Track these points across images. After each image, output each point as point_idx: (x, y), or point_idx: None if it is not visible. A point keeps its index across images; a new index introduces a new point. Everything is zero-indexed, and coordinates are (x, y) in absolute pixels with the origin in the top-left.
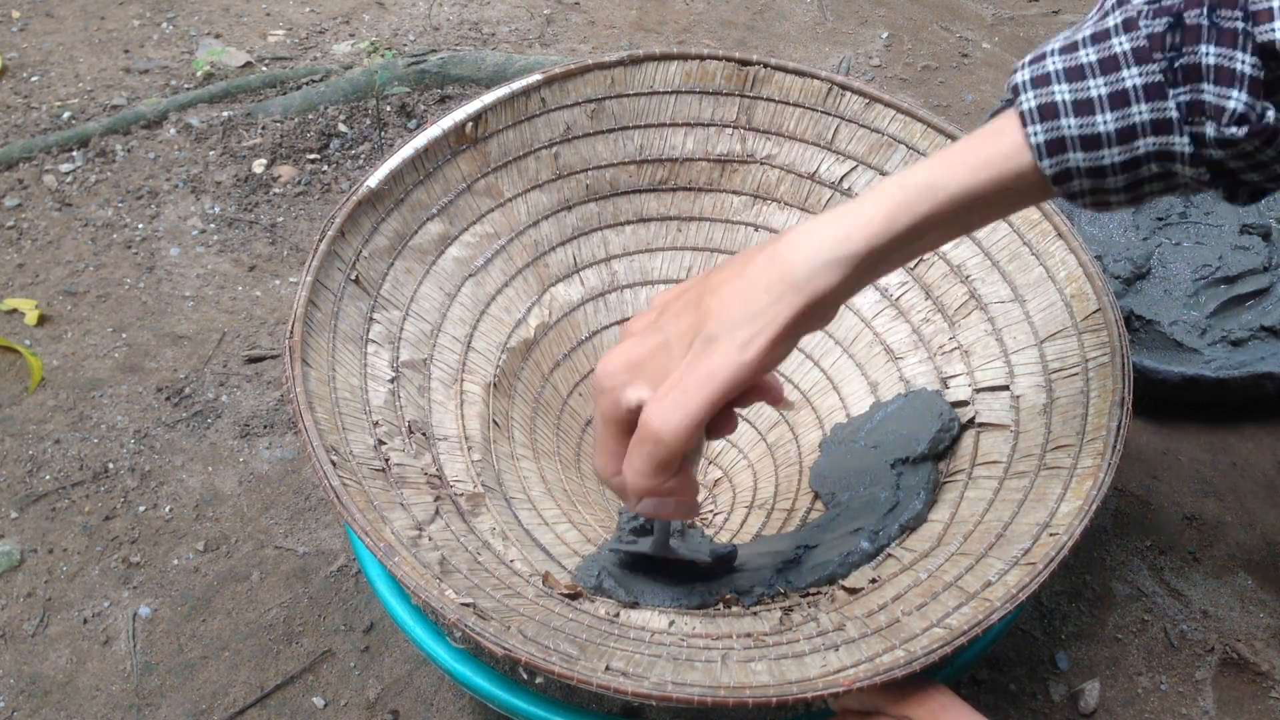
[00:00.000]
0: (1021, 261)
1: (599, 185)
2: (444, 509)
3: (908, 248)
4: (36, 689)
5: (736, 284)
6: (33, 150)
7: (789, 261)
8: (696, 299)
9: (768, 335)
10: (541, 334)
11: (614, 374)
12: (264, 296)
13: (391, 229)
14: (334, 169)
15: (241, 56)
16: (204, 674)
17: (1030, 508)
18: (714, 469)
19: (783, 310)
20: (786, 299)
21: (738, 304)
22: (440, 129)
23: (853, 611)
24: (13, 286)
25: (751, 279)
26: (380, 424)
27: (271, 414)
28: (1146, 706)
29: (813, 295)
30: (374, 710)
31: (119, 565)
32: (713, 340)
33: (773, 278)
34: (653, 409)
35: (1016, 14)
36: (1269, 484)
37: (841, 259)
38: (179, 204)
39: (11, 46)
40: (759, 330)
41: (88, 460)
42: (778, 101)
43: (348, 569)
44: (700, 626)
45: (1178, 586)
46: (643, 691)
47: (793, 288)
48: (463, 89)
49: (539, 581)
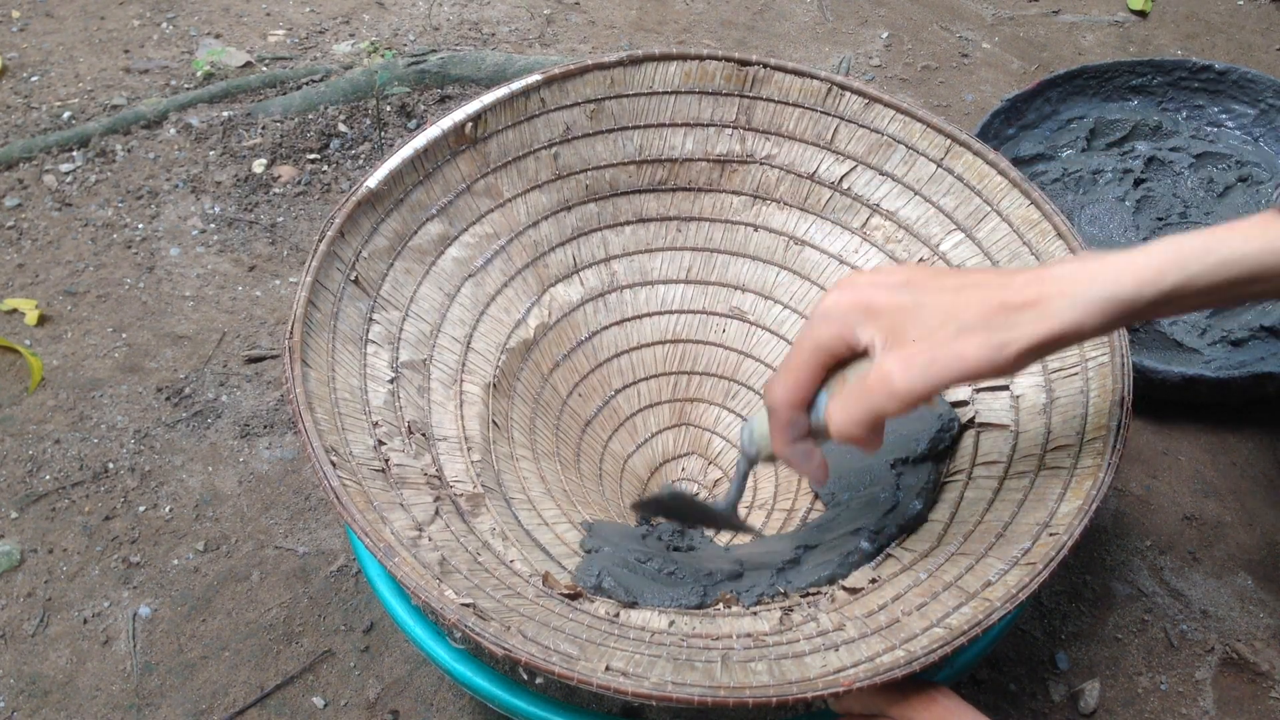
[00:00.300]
0: (1021, 261)
1: (599, 185)
2: (444, 509)
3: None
4: (36, 689)
5: (1001, 292)
6: (33, 150)
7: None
8: (957, 286)
9: (1018, 347)
10: (541, 334)
11: (847, 309)
12: (264, 296)
13: (391, 229)
14: (334, 169)
15: (241, 56)
16: (204, 674)
17: (1030, 507)
18: (714, 469)
19: (1039, 329)
20: (1045, 321)
21: (998, 310)
22: (440, 129)
23: (853, 611)
24: (13, 286)
25: (1015, 290)
26: (380, 424)
27: (271, 414)
28: (1146, 706)
29: (1070, 325)
30: (374, 710)
31: (119, 565)
32: (970, 330)
33: (1035, 296)
34: (897, 365)
35: (1016, 14)
36: (1269, 484)
37: (1107, 299)
38: (179, 204)
39: (11, 46)
40: (1012, 340)
41: (88, 460)
42: (777, 101)
43: (348, 569)
44: (700, 626)
45: (1178, 586)
46: (643, 691)
47: (1053, 313)
48: (463, 89)
49: (539, 582)
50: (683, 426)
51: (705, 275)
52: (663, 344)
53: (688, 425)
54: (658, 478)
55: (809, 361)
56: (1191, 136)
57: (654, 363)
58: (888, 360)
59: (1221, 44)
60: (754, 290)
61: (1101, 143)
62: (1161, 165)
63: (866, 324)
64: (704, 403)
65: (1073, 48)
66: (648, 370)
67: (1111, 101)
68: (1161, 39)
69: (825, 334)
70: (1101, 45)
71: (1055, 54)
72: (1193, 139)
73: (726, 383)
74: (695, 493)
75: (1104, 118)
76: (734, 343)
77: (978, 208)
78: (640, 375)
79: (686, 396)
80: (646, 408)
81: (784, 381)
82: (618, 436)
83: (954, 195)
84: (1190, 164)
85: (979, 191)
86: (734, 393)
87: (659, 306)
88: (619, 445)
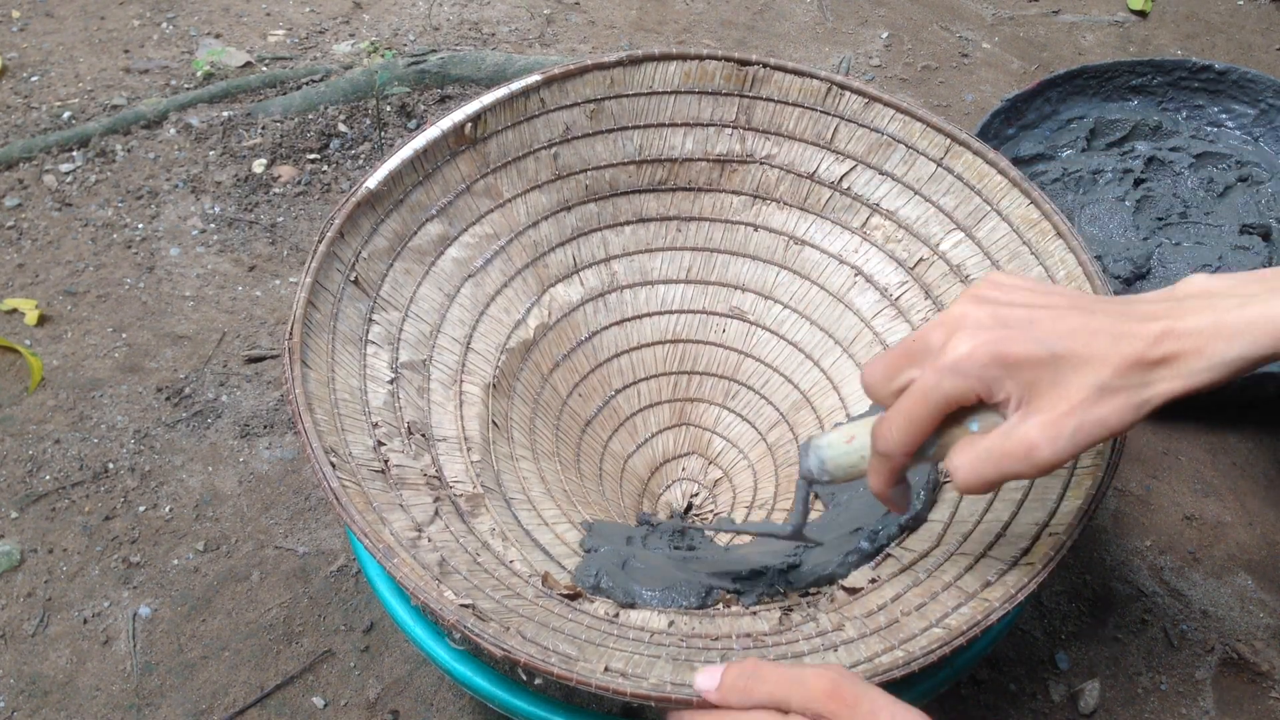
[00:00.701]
0: (1021, 261)
1: (598, 185)
2: (443, 510)
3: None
4: (36, 689)
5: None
6: (33, 150)
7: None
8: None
9: (1154, 405)
10: (541, 335)
11: (985, 363)
12: (264, 296)
13: (391, 230)
14: (334, 169)
15: (241, 56)
16: (204, 674)
17: (1030, 508)
18: (714, 469)
19: (1175, 387)
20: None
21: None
22: (440, 129)
23: (852, 611)
24: (13, 286)
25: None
26: (379, 425)
27: (271, 414)
28: (1146, 706)
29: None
30: (374, 710)
31: (119, 565)
32: (1111, 392)
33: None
34: (1043, 435)
35: (1016, 14)
36: (1269, 484)
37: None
38: (179, 204)
39: (11, 46)
40: (1150, 398)
41: (88, 460)
42: (777, 101)
43: (348, 569)
44: (700, 627)
45: (1177, 586)
46: (642, 692)
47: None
48: (463, 89)
49: (538, 582)
50: (683, 426)
51: (705, 275)
52: (663, 344)
53: (688, 425)
54: (658, 478)
55: (934, 415)
56: (1191, 136)
57: (654, 363)
58: (1031, 428)
59: (1221, 44)
60: (754, 290)
61: (1101, 143)
62: (1161, 165)
63: (1004, 381)
64: (704, 403)
65: (1073, 48)
66: (648, 370)
67: (1111, 101)
68: (1161, 39)
69: (959, 389)
70: (1101, 45)
71: (1055, 54)
72: (1193, 139)
73: (726, 383)
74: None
75: (1104, 118)
76: (734, 343)
77: (978, 207)
78: (640, 375)
79: (686, 396)
80: (646, 408)
81: (902, 429)
82: (618, 436)
83: (954, 195)
84: (1190, 164)
85: (979, 191)
86: (734, 393)
87: (659, 306)
88: (619, 445)
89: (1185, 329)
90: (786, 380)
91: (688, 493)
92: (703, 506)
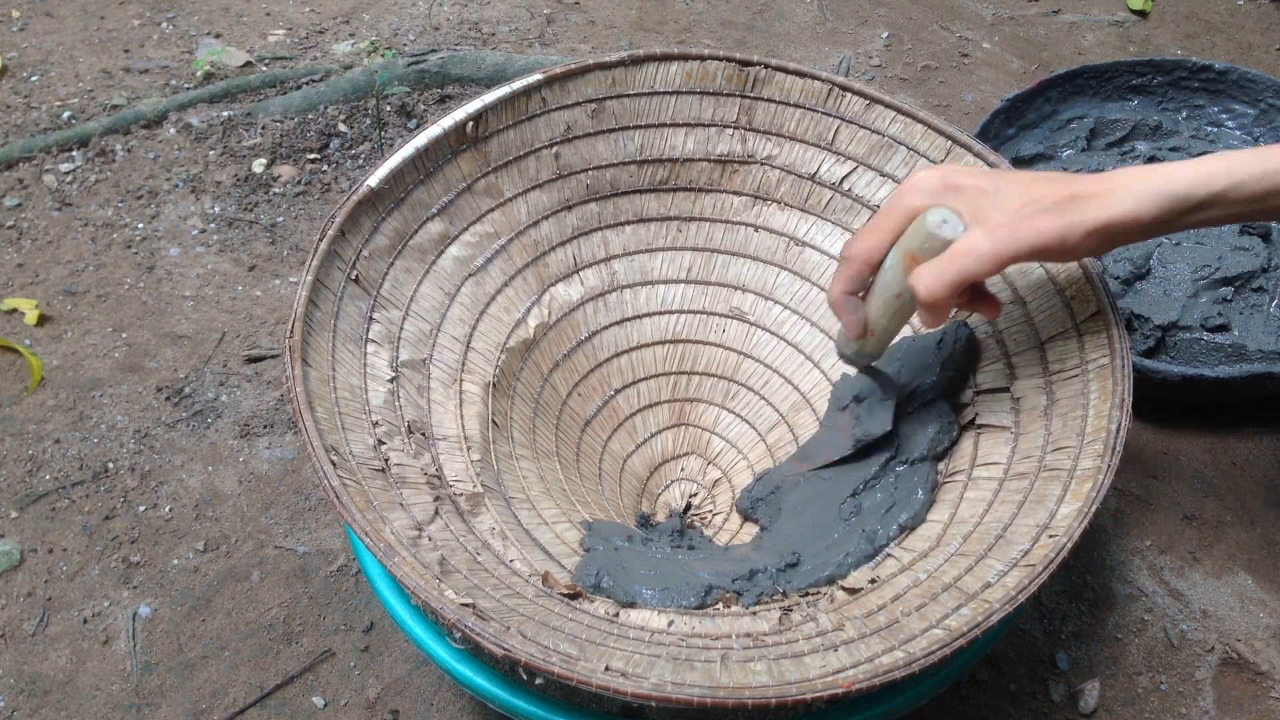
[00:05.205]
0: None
1: (599, 185)
2: (443, 509)
3: (1213, 207)
4: (36, 689)
5: (1071, 185)
6: (33, 150)
7: (1119, 183)
8: (1030, 180)
9: (1084, 228)
10: (541, 334)
11: (937, 185)
12: (264, 296)
13: (391, 229)
14: (334, 169)
15: (241, 56)
16: (204, 674)
17: (1030, 509)
18: (713, 469)
19: (1103, 214)
20: (1109, 209)
21: (1069, 199)
22: (440, 129)
23: (852, 612)
24: (13, 286)
25: (1083, 185)
26: (380, 424)
27: (271, 414)
28: (1146, 706)
29: (1129, 214)
30: (374, 710)
31: (119, 565)
32: (1045, 211)
33: (1101, 190)
34: (983, 235)
35: (1016, 14)
36: (1269, 484)
37: (1162, 194)
38: (179, 204)
39: (11, 46)
40: (1080, 221)
41: (88, 460)
42: (778, 102)
43: (348, 569)
44: (699, 626)
45: (1177, 586)
46: (642, 692)
47: (1115, 202)
48: (463, 89)
49: (538, 581)
50: (682, 426)
51: (705, 275)
52: (663, 344)
53: (687, 425)
54: (657, 477)
55: (889, 224)
56: (1191, 136)
57: (654, 363)
58: (973, 233)
59: (1221, 44)
60: (754, 291)
61: (1102, 142)
62: None
63: (952, 200)
64: (704, 403)
65: (1073, 47)
66: (648, 370)
67: (1111, 101)
68: (1161, 39)
69: (917, 203)
70: (1101, 45)
71: (1055, 54)
72: (1193, 139)
73: (726, 383)
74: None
75: (1104, 117)
76: (734, 343)
77: None
78: (640, 375)
79: (686, 396)
80: (646, 407)
81: (866, 238)
82: (617, 436)
83: None
84: None
85: None
86: (734, 393)
87: (659, 306)
88: (619, 445)
89: (1113, 175)
90: (786, 381)
91: (686, 493)
92: (701, 506)
